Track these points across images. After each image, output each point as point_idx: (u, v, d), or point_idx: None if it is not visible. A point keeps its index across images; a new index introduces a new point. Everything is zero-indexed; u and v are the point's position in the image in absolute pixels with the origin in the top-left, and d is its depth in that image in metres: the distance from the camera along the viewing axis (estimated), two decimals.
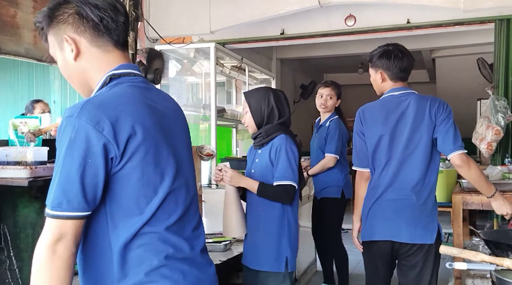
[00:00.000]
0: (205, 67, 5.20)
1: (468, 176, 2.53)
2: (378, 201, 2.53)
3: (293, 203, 2.54)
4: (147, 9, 5.40)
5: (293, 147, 2.51)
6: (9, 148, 2.44)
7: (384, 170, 2.53)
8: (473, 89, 7.50)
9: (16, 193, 2.56)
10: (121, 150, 1.22)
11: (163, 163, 1.31)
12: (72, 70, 1.37)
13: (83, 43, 1.33)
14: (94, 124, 1.20)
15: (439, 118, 2.46)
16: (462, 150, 2.44)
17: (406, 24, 5.40)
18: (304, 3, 5.15)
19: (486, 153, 4.98)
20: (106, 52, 1.35)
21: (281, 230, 2.50)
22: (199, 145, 3.84)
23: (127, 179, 1.25)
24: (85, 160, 1.19)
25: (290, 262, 2.50)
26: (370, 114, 2.62)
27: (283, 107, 2.62)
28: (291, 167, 2.48)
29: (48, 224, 1.20)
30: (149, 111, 1.31)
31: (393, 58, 2.55)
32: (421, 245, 2.46)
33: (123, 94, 1.31)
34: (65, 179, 1.19)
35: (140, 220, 1.27)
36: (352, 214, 2.78)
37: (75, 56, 1.34)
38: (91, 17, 1.31)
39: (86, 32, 1.33)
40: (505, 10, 4.97)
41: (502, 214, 2.59)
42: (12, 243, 2.54)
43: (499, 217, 4.63)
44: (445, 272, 3.42)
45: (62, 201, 1.18)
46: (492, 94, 5.03)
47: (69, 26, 1.33)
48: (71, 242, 1.20)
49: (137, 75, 1.39)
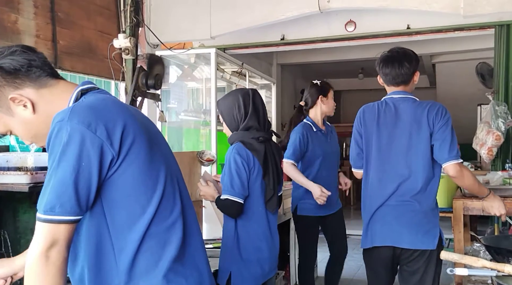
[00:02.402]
0: (206, 72, 5.20)
1: (462, 185, 2.66)
2: (380, 208, 2.52)
3: (245, 217, 2.40)
4: (148, 15, 5.41)
5: (237, 158, 2.36)
6: (9, 154, 2.44)
7: (383, 175, 2.53)
8: (473, 95, 7.51)
9: (16, 198, 2.56)
10: (116, 149, 1.22)
11: (156, 160, 1.31)
12: (37, 125, 1.33)
13: (30, 92, 1.30)
14: (87, 126, 1.19)
15: (436, 125, 2.44)
16: (456, 159, 2.42)
17: (406, 29, 5.41)
18: (304, 9, 5.17)
19: (486, 158, 4.98)
20: (53, 86, 1.33)
21: (232, 242, 2.40)
22: (199, 150, 3.84)
23: (125, 178, 1.25)
24: (79, 163, 1.18)
25: (236, 278, 2.36)
26: (370, 114, 2.62)
27: (256, 109, 2.49)
28: (232, 180, 2.35)
29: (39, 229, 1.18)
30: (132, 113, 1.33)
31: (385, 65, 2.57)
32: (422, 251, 2.45)
33: (105, 98, 1.31)
34: (58, 183, 1.18)
35: (144, 220, 1.26)
36: (355, 219, 2.77)
37: (32, 108, 1.30)
38: (19, 65, 1.28)
39: (25, 81, 1.29)
40: (505, 15, 4.98)
41: (493, 214, 2.61)
42: (12, 249, 2.54)
43: (500, 223, 4.62)
44: (446, 278, 3.42)
45: (55, 205, 1.17)
46: (493, 100, 5.03)
47: (6, 88, 1.29)
48: (63, 247, 1.18)
49: (103, 90, 1.39)
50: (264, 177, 2.43)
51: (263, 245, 2.43)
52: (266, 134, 2.51)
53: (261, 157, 2.41)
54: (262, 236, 2.44)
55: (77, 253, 1.31)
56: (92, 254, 1.28)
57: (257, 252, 2.41)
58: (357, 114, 2.67)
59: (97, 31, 4.73)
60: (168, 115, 5.00)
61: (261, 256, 2.42)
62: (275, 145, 2.61)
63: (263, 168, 2.41)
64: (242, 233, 2.41)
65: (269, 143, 2.53)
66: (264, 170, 2.42)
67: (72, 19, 4.41)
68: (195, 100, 5.68)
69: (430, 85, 10.92)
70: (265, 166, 2.43)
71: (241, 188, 2.36)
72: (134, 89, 4.04)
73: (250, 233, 2.42)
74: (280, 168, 2.57)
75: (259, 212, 2.43)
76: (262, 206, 2.44)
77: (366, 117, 2.62)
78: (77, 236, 1.28)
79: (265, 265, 2.44)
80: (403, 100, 2.55)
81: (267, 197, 2.44)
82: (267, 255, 2.44)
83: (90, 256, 1.29)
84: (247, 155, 2.39)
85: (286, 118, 9.44)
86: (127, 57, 4.15)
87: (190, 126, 5.44)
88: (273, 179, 2.46)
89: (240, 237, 2.41)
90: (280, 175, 2.57)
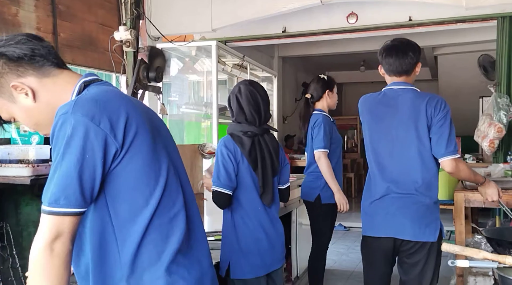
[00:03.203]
0: (207, 65, 5.19)
1: (458, 178, 2.71)
2: (382, 198, 2.52)
3: (240, 208, 2.44)
4: (149, 7, 5.40)
5: (223, 150, 2.43)
6: (11, 146, 2.44)
7: (384, 165, 2.53)
8: (475, 87, 7.49)
9: (18, 191, 2.57)
10: (120, 141, 1.22)
11: (159, 152, 1.31)
12: (38, 114, 1.34)
13: (32, 81, 1.31)
14: (91, 119, 1.19)
15: (435, 118, 2.42)
16: (453, 155, 2.40)
17: (408, 21, 5.39)
18: (306, 1, 5.15)
19: (488, 151, 4.98)
20: (57, 76, 1.33)
21: (231, 233, 2.44)
22: (201, 143, 3.84)
23: (128, 169, 1.25)
24: (83, 155, 1.18)
25: (234, 268, 2.40)
26: (367, 105, 2.63)
27: (249, 102, 2.51)
28: (218, 172, 2.41)
29: (44, 221, 1.18)
30: (134, 105, 1.33)
31: (388, 54, 2.56)
32: (423, 243, 2.46)
33: (108, 90, 1.31)
34: (63, 175, 1.18)
35: (147, 212, 1.27)
36: (356, 212, 2.77)
37: (32, 97, 1.31)
38: (22, 53, 1.29)
39: (28, 69, 1.30)
40: (507, 7, 4.96)
41: (487, 199, 2.63)
42: (14, 241, 2.55)
43: (502, 215, 4.62)
44: (447, 270, 3.43)
45: (60, 197, 1.17)
46: (495, 92, 5.02)
47: (9, 75, 1.30)
48: (68, 239, 1.19)
49: (105, 81, 1.40)
50: (254, 170, 2.45)
51: (261, 236, 2.44)
52: (258, 129, 2.51)
53: (246, 150, 2.44)
54: (261, 227, 2.45)
55: (82, 246, 1.31)
56: (96, 246, 1.29)
57: (256, 242, 2.43)
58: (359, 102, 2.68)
59: (98, 24, 4.72)
60: (169, 108, 5.00)
61: (260, 246, 2.43)
62: (271, 138, 2.59)
63: (249, 161, 2.43)
64: (239, 224, 2.44)
65: (262, 137, 2.52)
66: (252, 163, 2.44)
67: (72, 12, 4.40)
68: (196, 93, 5.68)
69: (432, 77, 10.90)
70: (252, 159, 2.45)
71: (227, 179, 2.39)
72: (135, 82, 4.03)
73: (248, 224, 2.44)
74: (277, 161, 2.55)
75: (255, 204, 2.45)
76: (257, 199, 2.46)
77: (365, 108, 2.63)
78: (83, 229, 1.29)
79: (266, 256, 2.45)
80: (403, 91, 2.53)
81: (260, 191, 2.46)
82: (267, 246, 2.45)
83: (94, 249, 1.29)
84: (234, 148, 2.44)
85: (287, 111, 9.43)
86: (128, 49, 4.13)
87: (191, 119, 5.44)
88: (265, 172, 2.47)
89: (238, 228, 2.43)
90: (276, 169, 2.55)
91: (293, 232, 4.09)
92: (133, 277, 1.27)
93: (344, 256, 5.63)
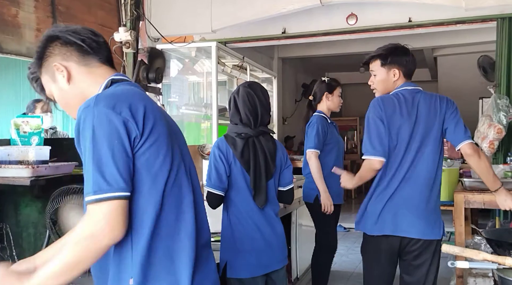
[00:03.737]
0: (207, 66, 5.20)
1: (478, 166, 2.54)
2: (392, 196, 2.49)
3: (235, 209, 2.45)
4: (149, 8, 5.40)
5: (216, 151, 2.48)
6: (11, 147, 2.44)
7: (400, 164, 2.50)
8: (475, 88, 7.48)
9: (18, 192, 2.57)
10: (140, 128, 1.28)
11: (171, 148, 1.36)
12: (68, 95, 1.45)
13: (72, 66, 1.43)
14: (112, 108, 1.26)
15: (448, 112, 2.52)
16: (472, 140, 2.51)
17: (408, 22, 5.39)
18: (305, 2, 5.15)
19: (488, 152, 4.97)
20: (95, 68, 1.45)
21: (227, 233, 2.46)
22: (200, 144, 3.84)
23: (146, 158, 1.29)
24: (112, 142, 1.24)
25: (231, 267, 2.41)
26: (389, 105, 2.53)
27: (245, 104, 2.52)
28: (210, 172, 2.46)
29: (90, 211, 1.21)
30: (153, 104, 1.40)
31: (403, 53, 2.60)
32: (431, 241, 2.48)
33: (130, 89, 1.39)
34: (98, 164, 1.22)
35: (156, 208, 1.30)
36: (356, 213, 2.74)
37: (67, 79, 1.43)
38: (73, 40, 1.43)
39: (73, 55, 1.43)
40: (507, 8, 4.96)
41: (505, 208, 2.60)
42: (14, 242, 2.55)
43: (501, 216, 4.62)
44: (447, 271, 3.43)
45: (102, 184, 1.21)
46: (494, 93, 5.02)
47: (57, 57, 1.44)
48: (114, 226, 1.21)
49: (133, 82, 1.49)
50: (247, 171, 2.46)
51: (256, 235, 2.45)
52: (253, 130, 2.50)
53: (238, 152, 2.45)
54: (256, 227, 2.46)
55: None
56: None
57: (251, 242, 2.43)
58: (373, 104, 2.56)
59: (98, 25, 4.71)
60: (169, 109, 5.00)
61: (256, 246, 2.43)
62: (268, 140, 2.56)
63: (241, 163, 2.45)
64: (235, 224, 2.46)
65: (257, 138, 2.51)
66: (244, 165, 2.45)
67: (72, 13, 4.40)
68: (196, 94, 5.69)
69: (431, 78, 10.90)
70: (244, 161, 2.45)
71: (217, 180, 2.43)
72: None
73: (243, 224, 2.45)
74: (272, 164, 2.53)
75: (249, 204, 2.46)
76: (251, 199, 2.46)
77: (386, 109, 2.52)
78: None
79: (263, 255, 2.44)
80: (416, 92, 2.57)
81: (253, 192, 2.46)
82: (263, 245, 2.45)
83: None
84: (227, 149, 2.47)
85: (287, 112, 9.43)
86: (127, 50, 4.13)
87: (191, 120, 5.45)
88: (258, 174, 2.47)
89: (234, 228, 2.45)
90: (270, 171, 2.52)
91: (293, 233, 4.09)
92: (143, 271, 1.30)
93: (344, 257, 5.62)
